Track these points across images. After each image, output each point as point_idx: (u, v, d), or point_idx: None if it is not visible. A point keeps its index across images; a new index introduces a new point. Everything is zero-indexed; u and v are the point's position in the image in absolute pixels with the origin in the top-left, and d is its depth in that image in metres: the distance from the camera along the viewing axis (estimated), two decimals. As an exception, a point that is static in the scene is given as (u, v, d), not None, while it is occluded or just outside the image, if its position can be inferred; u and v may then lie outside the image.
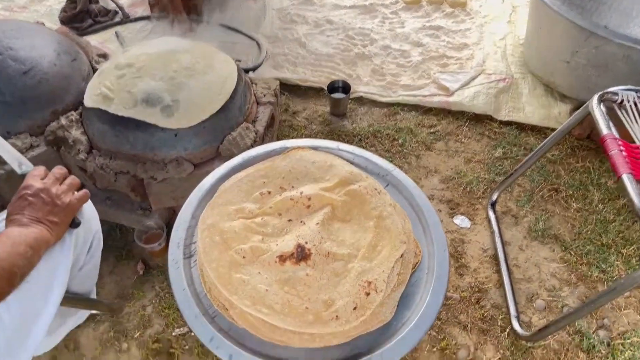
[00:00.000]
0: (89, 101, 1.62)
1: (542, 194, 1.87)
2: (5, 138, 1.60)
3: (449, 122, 2.14)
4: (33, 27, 1.79)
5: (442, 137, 2.07)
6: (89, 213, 1.14)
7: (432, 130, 2.10)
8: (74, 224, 1.04)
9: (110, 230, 1.74)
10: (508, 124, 2.13)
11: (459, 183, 1.91)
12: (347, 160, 1.36)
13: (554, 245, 1.71)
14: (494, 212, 1.81)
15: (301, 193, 1.19)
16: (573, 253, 1.67)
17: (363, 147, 2.00)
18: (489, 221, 1.78)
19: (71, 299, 1.12)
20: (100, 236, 1.23)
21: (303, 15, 2.57)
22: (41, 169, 1.04)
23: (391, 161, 1.94)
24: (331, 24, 2.53)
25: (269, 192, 1.22)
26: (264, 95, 1.83)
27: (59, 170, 1.05)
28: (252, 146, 1.65)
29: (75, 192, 1.05)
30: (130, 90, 1.57)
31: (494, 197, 1.81)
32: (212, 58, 1.71)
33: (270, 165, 1.29)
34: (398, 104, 2.20)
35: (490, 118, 2.14)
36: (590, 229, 1.74)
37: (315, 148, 1.38)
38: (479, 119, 2.15)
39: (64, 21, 2.43)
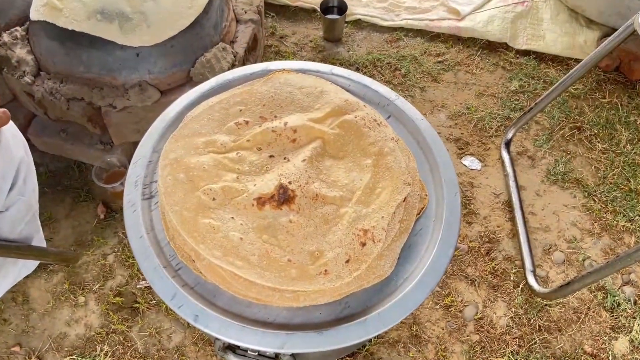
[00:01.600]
0: (34, 14, 1.43)
1: (562, 133, 1.72)
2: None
3: (458, 50, 1.96)
4: None
5: (450, 67, 1.90)
6: (9, 139, 0.97)
7: (439, 60, 1.92)
8: None
9: (68, 168, 1.59)
10: (526, 53, 1.96)
11: (469, 119, 1.75)
12: (342, 87, 1.20)
13: (575, 190, 1.58)
14: (508, 152, 1.66)
15: (285, 124, 1.04)
16: (597, 200, 1.55)
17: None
18: (502, 163, 1.64)
19: (1, 247, 0.97)
20: (30, 169, 1.06)
21: None
22: None
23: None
24: None
25: (247, 122, 1.07)
26: (245, 12, 1.63)
27: None
28: (228, 70, 1.47)
29: None
30: (83, -1, 1.37)
31: (509, 135, 1.66)
32: (182, -36, 1.49)
33: (248, 90, 1.13)
34: (401, 29, 2.01)
35: (505, 46, 1.97)
36: (616, 173, 1.61)
37: (304, 72, 1.22)
38: (492, 48, 1.98)
39: None
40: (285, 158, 0.98)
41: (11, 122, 1.02)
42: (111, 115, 1.40)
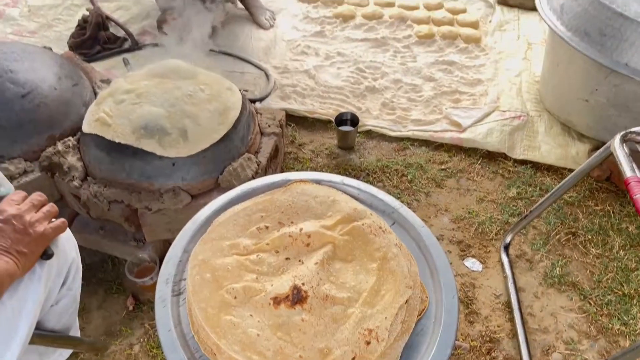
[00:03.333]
0: (86, 127, 1.59)
1: (558, 238, 1.79)
2: (-1, 163, 1.58)
3: (460, 159, 2.08)
4: (35, 50, 1.79)
5: (453, 175, 2.01)
6: (65, 242, 1.08)
7: (443, 167, 2.04)
8: (46, 255, 0.98)
9: (102, 261, 1.69)
10: (523, 162, 2.07)
11: (471, 223, 1.84)
12: (352, 196, 1.30)
13: (571, 293, 1.62)
14: (507, 255, 1.73)
15: (301, 230, 1.14)
16: (592, 303, 1.58)
17: (371, 183, 1.96)
18: (502, 265, 1.70)
19: (46, 337, 1.06)
20: (78, 268, 1.17)
21: (314, 48, 2.56)
22: (20, 194, 0.99)
23: (399, 198, 1.89)
24: (342, 56, 2.52)
25: (267, 227, 1.17)
26: (269, 126, 1.79)
27: (37, 196, 0.99)
28: (253, 178, 1.60)
29: (52, 221, 0.99)
30: (129, 116, 1.54)
31: (508, 239, 1.73)
32: (216, 86, 1.68)
33: (269, 199, 1.24)
34: (408, 139, 2.15)
35: (504, 156, 2.08)
36: (610, 277, 1.65)
37: (318, 182, 1.34)
38: (492, 157, 2.09)
39: (73, 47, 2.44)
40: (299, 260, 1.07)
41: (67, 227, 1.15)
42: (146, 216, 1.52)
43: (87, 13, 2.52)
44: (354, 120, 2.11)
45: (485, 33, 2.71)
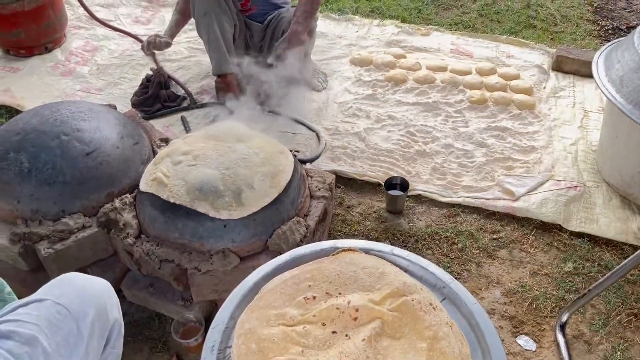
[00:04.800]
0: (143, 185, 1.66)
1: (619, 319, 1.70)
2: (59, 218, 1.66)
3: (513, 228, 2.04)
4: (101, 110, 1.90)
5: (505, 245, 1.97)
6: (107, 303, 1.12)
7: (494, 237, 2.00)
8: None
9: (150, 318, 1.72)
10: (580, 235, 2.00)
11: (524, 298, 1.77)
12: (401, 267, 1.30)
13: (635, 381, 1.52)
14: (564, 335, 1.65)
15: (348, 302, 1.14)
16: (659, 394, 1.48)
17: (419, 250, 1.94)
18: (558, 345, 1.62)
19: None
20: (121, 327, 1.20)
21: (365, 110, 2.61)
22: None
23: (449, 268, 1.86)
24: (393, 119, 2.55)
25: (314, 297, 1.17)
26: (319, 189, 1.82)
27: None
28: (301, 242, 1.62)
29: None
30: (185, 177, 1.60)
31: (564, 318, 1.66)
32: (270, 149, 1.73)
33: (317, 268, 1.25)
34: (459, 206, 2.13)
35: (559, 228, 2.02)
36: (679, 366, 1.54)
37: (367, 251, 1.34)
38: (546, 228, 2.04)
39: (135, 104, 2.58)
40: (346, 335, 1.06)
41: (110, 288, 1.19)
42: (195, 277, 1.55)
43: (151, 72, 2.68)
44: (403, 185, 2.11)
45: (539, 99, 2.70)
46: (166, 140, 2.02)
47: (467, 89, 2.74)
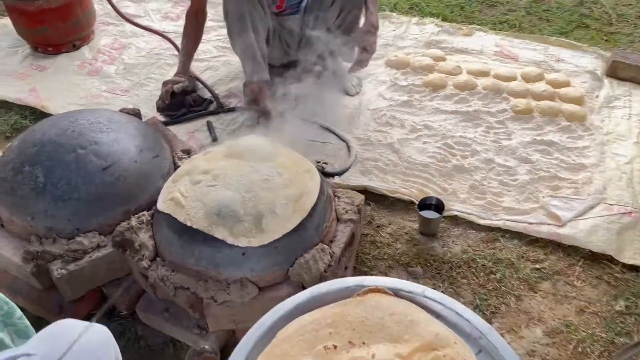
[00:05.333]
0: (161, 204, 1.59)
1: (678, 371, 1.54)
2: (74, 236, 1.60)
3: (558, 258, 1.88)
4: (121, 120, 1.83)
5: (549, 276, 1.82)
6: (102, 343, 1.04)
7: (537, 266, 1.85)
8: None
9: (164, 344, 1.66)
10: (634, 268, 1.83)
11: (568, 339, 1.63)
12: (434, 312, 1.19)
13: None
14: (614, 386, 1.50)
15: (373, 356, 1.04)
16: None
17: (454, 278, 1.81)
18: (607, 398, 1.47)
19: None
20: None
21: (400, 118, 2.47)
22: None
23: (486, 300, 1.72)
24: (429, 129, 2.41)
25: (335, 347, 1.08)
26: (346, 212, 1.70)
27: None
28: (325, 272, 1.51)
29: None
30: (204, 199, 1.51)
31: (614, 366, 1.51)
32: (295, 168, 1.63)
33: (340, 312, 1.15)
34: (498, 229, 1.98)
35: (610, 259, 1.86)
36: None
37: (396, 292, 1.24)
38: (596, 259, 1.87)
39: (160, 108, 2.51)
40: (369, 396, 0.96)
41: (109, 337, 1.11)
42: (211, 307, 1.47)
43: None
44: (438, 206, 1.97)
45: (590, 110, 2.50)
46: (188, 152, 1.94)
47: (511, 97, 2.57)
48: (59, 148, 1.65)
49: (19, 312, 1.23)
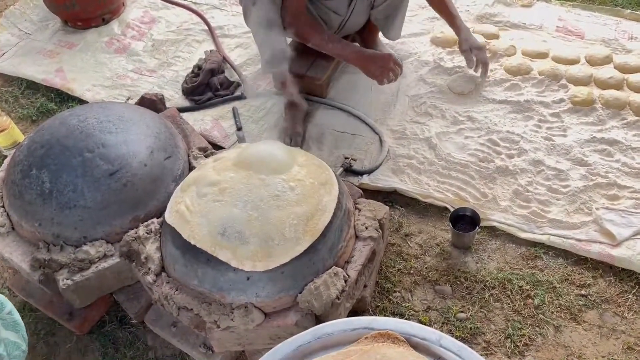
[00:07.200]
0: (168, 215, 1.54)
1: None
2: (81, 244, 1.58)
3: (609, 283, 1.71)
4: (133, 116, 1.77)
5: (595, 305, 1.66)
6: None
7: (582, 292, 1.69)
8: None
9: (173, 356, 1.64)
10: (695, 301, 1.64)
11: (612, 382, 1.49)
12: (449, 368, 1.08)
13: None
14: None
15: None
16: None
17: (486, 301, 1.69)
18: None
19: None
20: None
21: (441, 108, 2.30)
22: None
23: (520, 329, 1.60)
24: (473, 121, 2.22)
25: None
26: (366, 228, 1.59)
27: None
28: (337, 298, 1.43)
29: None
30: (208, 216, 1.45)
31: (661, 421, 1.36)
32: (310, 181, 1.52)
33: (341, 363, 1.06)
34: (542, 245, 1.82)
35: (669, 287, 1.67)
36: None
37: (408, 338, 1.14)
38: (653, 286, 1.69)
39: (185, 92, 2.45)
40: None
41: None
42: (214, 332, 1.42)
43: (203, 56, 2.52)
44: (474, 217, 1.82)
45: (664, 101, 2.23)
46: (204, 150, 1.87)
47: (570, 84, 2.32)
48: (65, 151, 1.61)
49: (8, 308, 1.36)
